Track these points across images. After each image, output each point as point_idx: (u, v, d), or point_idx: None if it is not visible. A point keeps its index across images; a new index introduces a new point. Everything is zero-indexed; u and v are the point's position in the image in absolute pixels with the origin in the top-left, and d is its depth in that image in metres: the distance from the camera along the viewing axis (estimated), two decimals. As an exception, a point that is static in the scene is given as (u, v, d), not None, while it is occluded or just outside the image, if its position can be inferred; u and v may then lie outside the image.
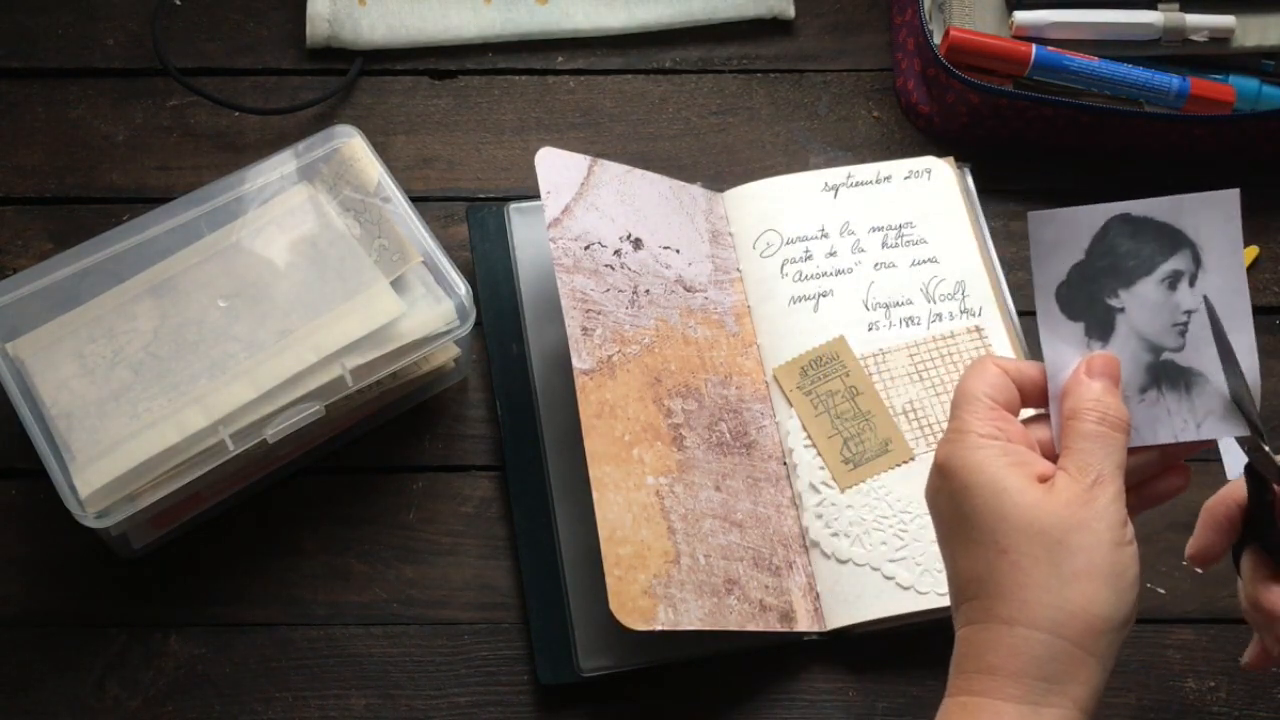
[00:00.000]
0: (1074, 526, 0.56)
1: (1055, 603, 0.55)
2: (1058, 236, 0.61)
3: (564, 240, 0.81)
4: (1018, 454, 0.58)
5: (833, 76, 0.99)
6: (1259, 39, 0.93)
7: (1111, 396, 0.59)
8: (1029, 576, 0.56)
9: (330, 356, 0.77)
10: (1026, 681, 0.55)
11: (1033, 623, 0.55)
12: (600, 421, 0.76)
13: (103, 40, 0.97)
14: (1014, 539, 0.56)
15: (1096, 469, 0.57)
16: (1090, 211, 0.61)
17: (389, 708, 0.78)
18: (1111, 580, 0.56)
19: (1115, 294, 0.61)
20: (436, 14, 0.98)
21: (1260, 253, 0.92)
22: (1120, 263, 0.61)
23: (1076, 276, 0.61)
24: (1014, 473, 0.57)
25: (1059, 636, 0.55)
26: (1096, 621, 0.55)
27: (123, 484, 0.73)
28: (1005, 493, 0.57)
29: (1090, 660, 0.55)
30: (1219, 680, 0.79)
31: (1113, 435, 0.58)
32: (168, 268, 0.80)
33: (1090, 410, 0.58)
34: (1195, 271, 0.61)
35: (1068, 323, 0.61)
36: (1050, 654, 0.55)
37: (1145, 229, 0.61)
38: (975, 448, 0.58)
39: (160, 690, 0.78)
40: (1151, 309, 0.61)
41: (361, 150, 0.83)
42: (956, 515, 0.58)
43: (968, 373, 0.61)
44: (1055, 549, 0.56)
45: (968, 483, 0.58)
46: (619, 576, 0.72)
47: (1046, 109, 0.91)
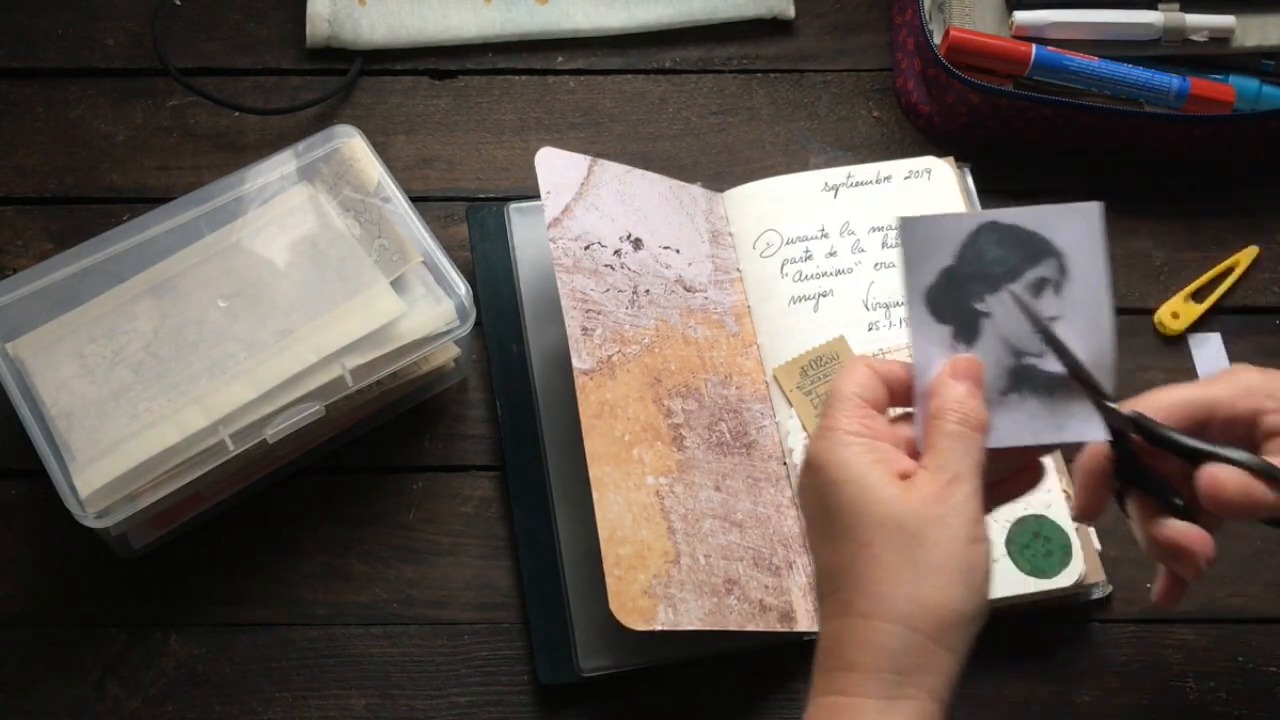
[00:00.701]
0: (930, 522, 0.57)
1: (909, 595, 0.57)
2: (928, 241, 0.62)
3: (564, 240, 0.81)
4: (881, 451, 0.60)
5: (833, 76, 0.99)
6: (1259, 39, 0.93)
7: (973, 399, 0.60)
8: (886, 570, 0.57)
9: (330, 356, 0.77)
10: (882, 675, 0.57)
11: (887, 616, 0.57)
12: (600, 421, 0.76)
13: (103, 40, 0.97)
14: (874, 533, 0.58)
15: (954, 467, 0.59)
16: (960, 218, 0.62)
17: (389, 708, 0.78)
18: (964, 575, 0.57)
19: (982, 299, 0.62)
20: (436, 14, 0.98)
21: (1260, 253, 0.92)
22: (988, 269, 0.62)
23: (945, 281, 0.62)
24: (876, 469, 0.59)
25: (912, 629, 0.56)
26: (949, 615, 0.57)
27: (123, 484, 0.73)
28: (868, 488, 0.58)
29: (942, 652, 0.57)
30: (1219, 680, 0.79)
31: (971, 435, 0.59)
32: (168, 268, 0.80)
33: (952, 411, 0.60)
34: (1060, 280, 0.62)
35: (936, 325, 0.62)
36: (904, 646, 0.56)
37: (1013, 237, 0.62)
38: (841, 444, 0.60)
39: (160, 690, 0.78)
40: (1015, 314, 0.62)
41: (361, 150, 0.83)
42: (821, 510, 0.60)
43: (840, 372, 0.63)
44: (912, 543, 0.57)
45: (833, 478, 0.59)
46: (619, 576, 0.72)
47: (1046, 109, 0.91)
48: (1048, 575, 0.78)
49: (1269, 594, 0.82)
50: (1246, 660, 0.80)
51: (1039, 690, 0.79)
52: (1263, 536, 0.83)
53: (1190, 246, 0.93)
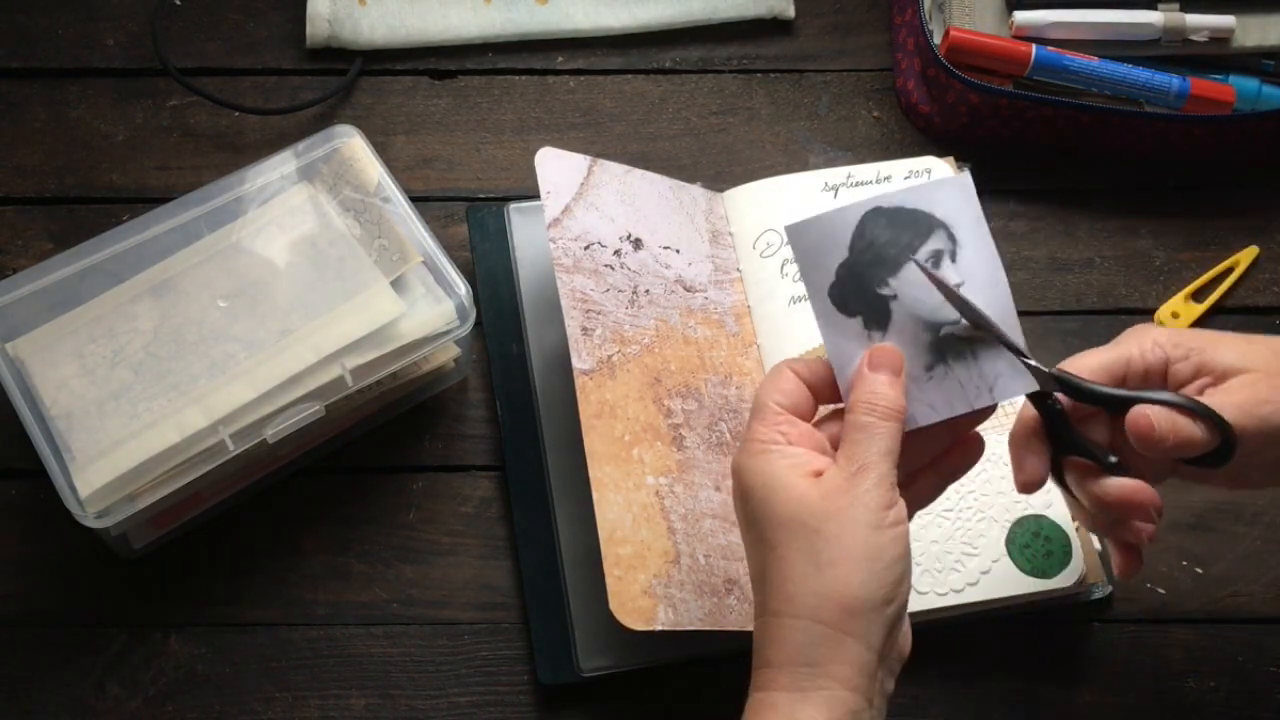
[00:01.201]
0: (830, 515, 0.58)
1: (813, 589, 0.58)
2: (818, 241, 0.63)
3: (564, 240, 0.81)
4: (793, 455, 0.61)
5: (833, 76, 0.99)
6: (1259, 39, 0.93)
7: (887, 387, 0.61)
8: (791, 569, 0.58)
9: (330, 356, 0.77)
10: (792, 669, 0.58)
11: (794, 612, 0.58)
12: (600, 421, 0.76)
13: (103, 40, 0.97)
14: (780, 535, 0.59)
15: (861, 458, 0.60)
16: (843, 211, 0.63)
17: (389, 708, 0.78)
18: (866, 563, 0.58)
19: (885, 283, 0.63)
20: (436, 14, 0.98)
21: (1260, 253, 0.92)
22: (883, 252, 0.63)
23: (845, 274, 0.63)
24: (785, 472, 0.60)
25: (816, 621, 0.58)
26: (852, 603, 0.58)
27: (123, 484, 0.73)
28: (774, 492, 0.60)
29: (849, 640, 0.58)
30: (1219, 680, 0.79)
31: (880, 424, 0.60)
32: (168, 268, 0.80)
33: (863, 402, 0.61)
34: (954, 249, 0.63)
35: (846, 319, 0.63)
36: (809, 639, 0.58)
37: (899, 218, 0.63)
38: (754, 454, 0.61)
39: (160, 690, 0.78)
40: (920, 290, 0.63)
41: (361, 150, 0.83)
42: (744, 520, 0.62)
43: (763, 380, 0.64)
44: (813, 538, 0.58)
45: (747, 486, 0.61)
46: (619, 577, 0.72)
47: (1046, 109, 0.91)
48: (1048, 575, 0.78)
49: (1269, 594, 0.82)
50: (1246, 660, 0.80)
51: (1039, 690, 0.79)
52: (1263, 536, 0.83)
53: (1190, 246, 0.93)
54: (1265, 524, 0.84)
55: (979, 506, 0.80)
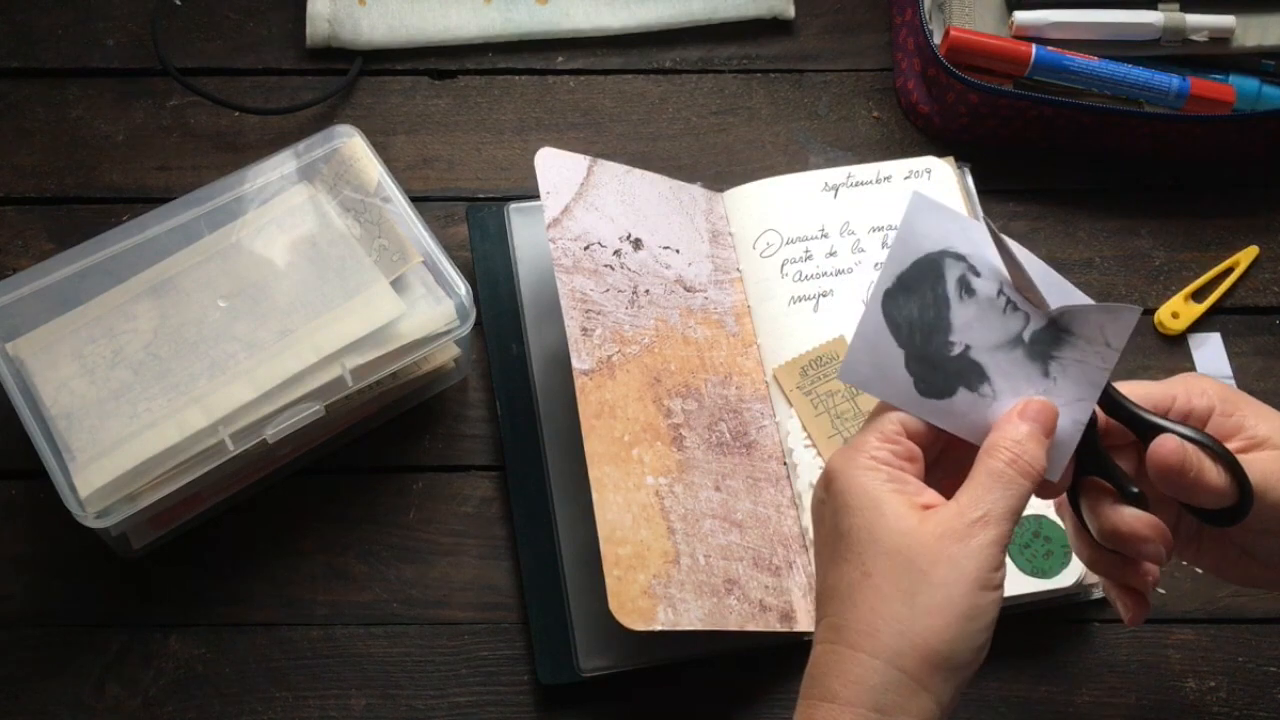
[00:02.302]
0: (941, 559, 0.55)
1: (901, 632, 0.55)
2: (875, 369, 0.60)
3: (564, 240, 0.81)
4: (903, 481, 0.58)
5: (833, 76, 0.99)
6: (1259, 39, 0.93)
7: (1033, 442, 0.58)
8: (885, 605, 0.55)
9: (330, 356, 0.77)
10: (859, 710, 0.55)
11: (876, 651, 0.55)
12: (600, 422, 0.76)
13: (103, 40, 0.97)
14: (880, 563, 0.56)
15: (986, 506, 0.57)
16: (865, 323, 0.60)
17: (389, 708, 0.78)
18: (963, 621, 0.55)
19: (948, 344, 0.60)
20: (436, 14, 0.98)
21: (1260, 253, 0.92)
22: (924, 320, 0.60)
23: (915, 366, 0.60)
24: (894, 498, 0.57)
25: (897, 667, 0.55)
26: (936, 658, 0.55)
27: (123, 484, 0.73)
28: (881, 516, 0.56)
29: (924, 694, 0.55)
30: (1219, 680, 0.79)
31: (1017, 480, 0.57)
32: (168, 268, 0.80)
33: (1005, 450, 0.58)
34: (970, 263, 0.60)
35: (951, 400, 0.60)
36: (885, 684, 0.55)
37: (908, 283, 0.60)
38: (863, 468, 0.58)
39: (160, 690, 0.78)
40: (981, 322, 0.60)
41: (361, 150, 0.83)
42: (831, 528, 0.58)
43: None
44: (916, 578, 0.55)
45: (848, 501, 0.58)
46: (619, 577, 0.72)
47: (1046, 109, 0.91)
48: (1048, 575, 0.78)
49: (1269, 594, 0.82)
50: (1246, 660, 0.80)
51: (1039, 690, 0.79)
52: (1263, 536, 0.83)
53: (1190, 246, 0.93)
54: (1265, 524, 0.83)
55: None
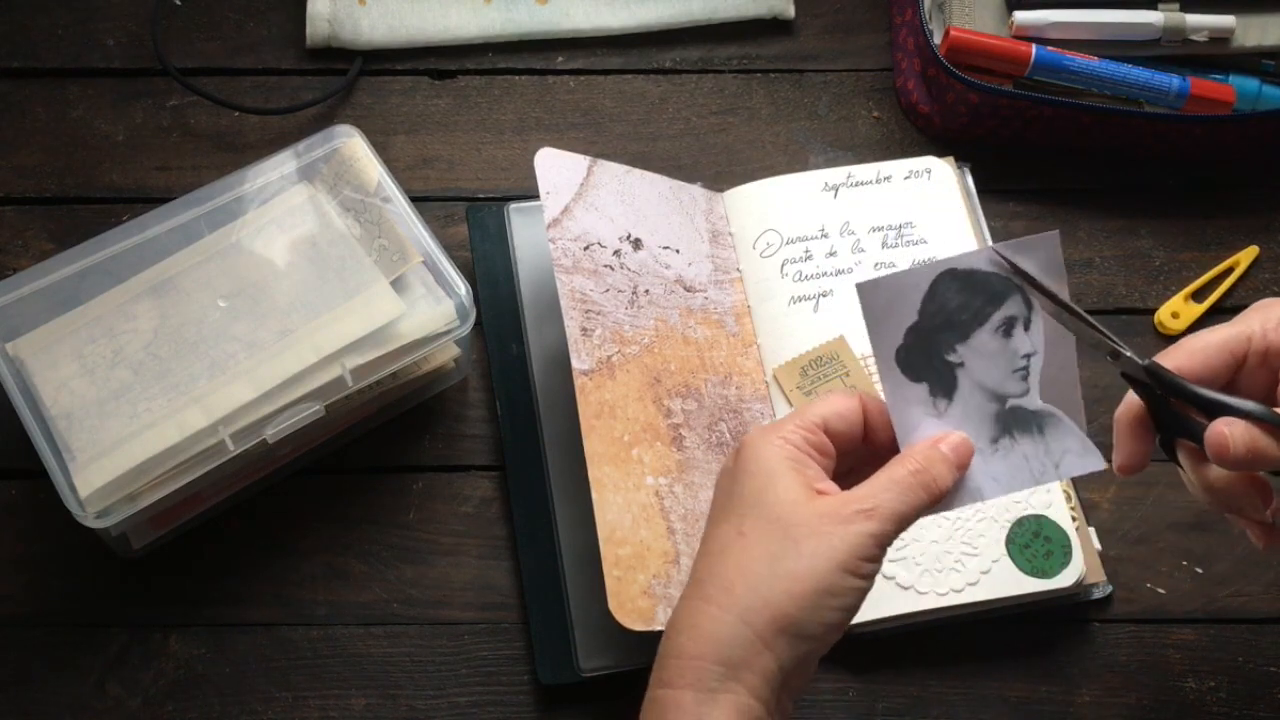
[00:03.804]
0: (814, 533, 0.57)
1: (757, 590, 0.56)
2: (889, 302, 0.61)
3: (563, 240, 0.81)
4: (805, 463, 0.59)
5: (833, 76, 0.99)
6: (1259, 39, 0.93)
7: (945, 466, 0.60)
8: (749, 564, 0.57)
9: (330, 356, 0.77)
10: (706, 665, 0.56)
11: (728, 606, 0.56)
12: (600, 422, 0.76)
13: (103, 40, 0.97)
14: (757, 526, 0.57)
15: (876, 501, 0.58)
16: (916, 273, 0.61)
17: (389, 708, 0.78)
18: (819, 594, 0.56)
19: (953, 349, 0.61)
20: (436, 14, 0.98)
21: (1260, 253, 0.92)
22: (953, 318, 0.61)
23: (913, 338, 0.61)
24: (790, 473, 0.58)
25: (745, 623, 0.56)
26: (784, 620, 0.56)
27: (123, 484, 0.73)
28: (772, 486, 0.58)
29: (767, 654, 0.56)
30: (1219, 680, 0.79)
31: (916, 489, 0.59)
32: (168, 268, 0.80)
33: (915, 460, 0.59)
34: (1029, 315, 0.61)
35: (911, 384, 0.61)
36: (733, 638, 0.56)
37: (972, 282, 0.61)
38: (773, 444, 0.59)
39: (160, 690, 0.78)
40: (989, 359, 0.61)
41: (361, 150, 0.83)
42: (726, 494, 0.60)
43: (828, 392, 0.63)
44: (786, 546, 0.56)
45: (746, 467, 0.59)
46: (618, 577, 0.72)
47: (1046, 109, 0.91)
48: (1048, 575, 0.78)
49: (1269, 594, 0.82)
50: (1246, 660, 0.80)
51: (1039, 690, 0.79)
52: (1263, 536, 0.83)
53: (1190, 246, 0.93)
54: (1265, 524, 0.83)
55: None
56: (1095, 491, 0.84)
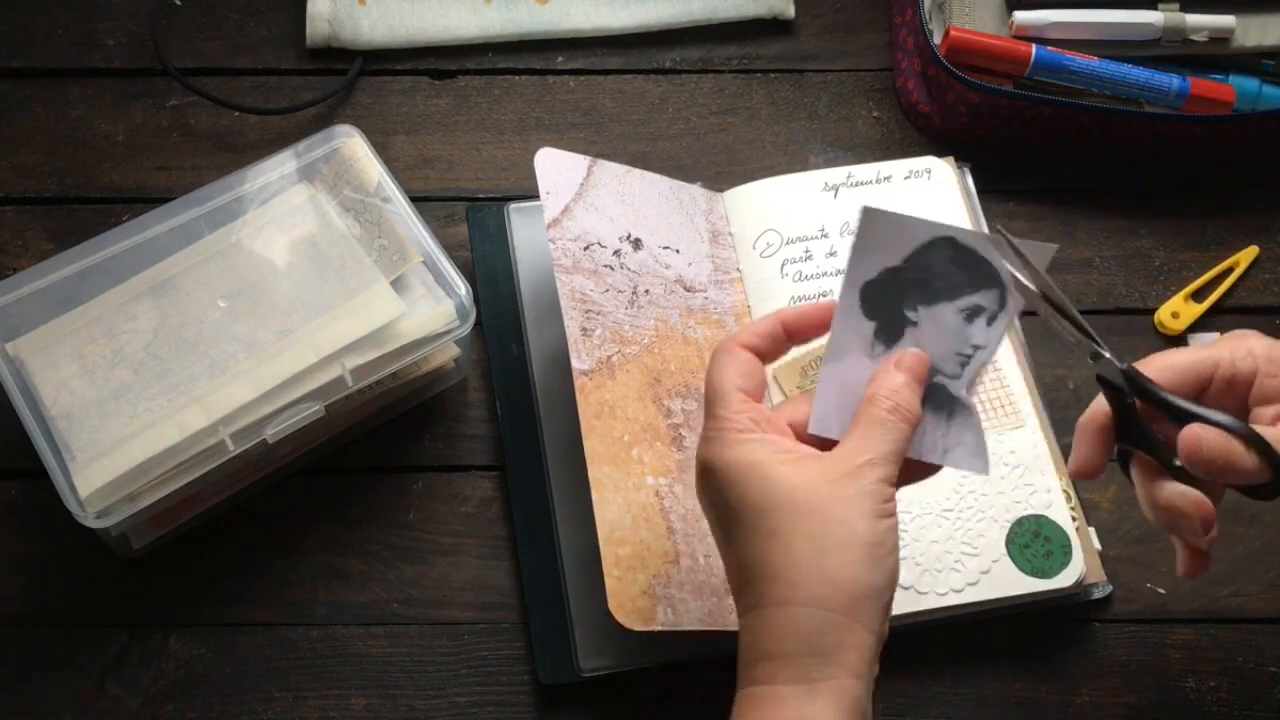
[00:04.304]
0: (835, 500, 0.58)
1: (820, 576, 0.57)
2: (883, 237, 0.62)
3: (563, 240, 0.81)
4: (775, 443, 0.60)
5: (833, 76, 0.99)
6: (1259, 39, 0.93)
7: (910, 391, 0.61)
8: (797, 555, 0.57)
9: (330, 356, 0.77)
10: (800, 660, 0.57)
11: (802, 600, 0.57)
12: (600, 422, 0.76)
13: (103, 40, 0.97)
14: (780, 520, 0.58)
15: (873, 451, 0.60)
16: (920, 224, 0.62)
17: (389, 708, 0.78)
18: (870, 549, 0.58)
19: (915, 308, 0.63)
20: (436, 14, 0.98)
21: (1260, 253, 0.92)
22: (930, 281, 0.62)
23: (887, 279, 0.62)
24: (774, 459, 0.59)
25: (825, 609, 0.57)
26: (860, 589, 0.57)
27: (123, 484, 0.73)
28: (769, 479, 0.59)
29: (857, 627, 0.57)
30: (1219, 680, 0.79)
31: (899, 426, 0.60)
32: (168, 268, 0.80)
33: (886, 398, 0.61)
34: (996, 313, 0.62)
35: (862, 319, 0.63)
36: (819, 627, 0.57)
37: (966, 258, 0.62)
38: (731, 444, 0.60)
39: (160, 690, 0.78)
40: (942, 332, 0.63)
41: (361, 150, 0.83)
42: (726, 509, 0.60)
43: (716, 362, 0.63)
44: (818, 522, 0.58)
45: (733, 477, 0.60)
46: (618, 577, 0.72)
47: (1046, 109, 0.91)
48: (1048, 575, 0.78)
49: (1269, 594, 0.82)
50: (1246, 660, 0.80)
51: (1039, 690, 0.79)
52: (1262, 537, 0.83)
53: (1190, 246, 0.93)
54: (1265, 524, 0.84)
55: (979, 506, 0.80)
56: (1095, 491, 0.84)
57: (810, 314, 0.65)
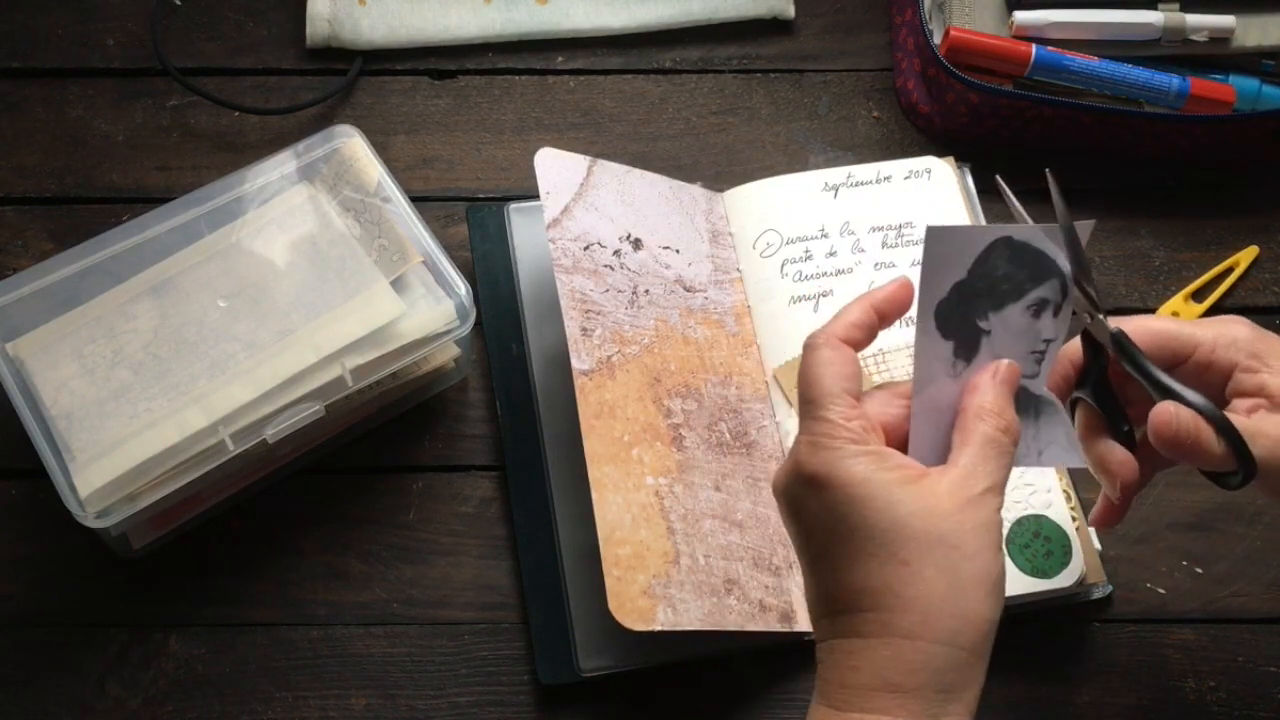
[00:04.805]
0: (966, 531, 0.57)
1: (953, 611, 0.56)
2: (948, 253, 0.61)
3: (563, 241, 0.81)
4: (891, 459, 0.58)
5: (833, 76, 0.99)
6: (1259, 39, 0.93)
7: (1011, 407, 0.60)
8: (930, 586, 0.56)
9: (330, 356, 0.77)
10: (927, 695, 0.56)
11: (935, 636, 0.56)
12: (600, 422, 0.76)
13: (103, 40, 0.97)
14: (913, 550, 0.56)
15: (991, 477, 0.58)
16: (980, 231, 0.61)
17: (389, 708, 0.78)
18: (997, 584, 0.57)
19: (985, 316, 0.62)
20: (436, 14, 0.98)
21: (1260, 253, 0.92)
22: (996, 285, 0.62)
23: (956, 295, 0.61)
24: (895, 479, 0.57)
25: (957, 647, 0.56)
26: (987, 626, 0.57)
27: (123, 484, 0.73)
28: (898, 504, 0.57)
29: (980, 664, 0.57)
30: (1219, 680, 0.79)
31: (1010, 449, 0.59)
32: (168, 268, 0.80)
33: (996, 416, 0.59)
34: (1061, 302, 0.62)
35: (940, 340, 0.62)
36: (949, 665, 0.56)
37: (1024, 254, 0.61)
38: (850, 457, 0.58)
39: (160, 690, 0.78)
40: (1014, 334, 0.62)
41: (361, 150, 0.83)
42: (841, 527, 0.58)
43: (815, 358, 0.61)
44: (952, 556, 0.56)
45: (853, 495, 0.57)
46: (618, 577, 0.72)
47: (1046, 109, 0.91)
48: (1048, 575, 0.78)
49: (1269, 594, 0.82)
50: (1246, 660, 0.80)
51: (1039, 690, 0.79)
52: (1263, 537, 0.83)
53: (1190, 246, 0.93)
54: (1265, 524, 0.84)
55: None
56: (1095, 491, 0.83)
57: (896, 292, 0.63)
